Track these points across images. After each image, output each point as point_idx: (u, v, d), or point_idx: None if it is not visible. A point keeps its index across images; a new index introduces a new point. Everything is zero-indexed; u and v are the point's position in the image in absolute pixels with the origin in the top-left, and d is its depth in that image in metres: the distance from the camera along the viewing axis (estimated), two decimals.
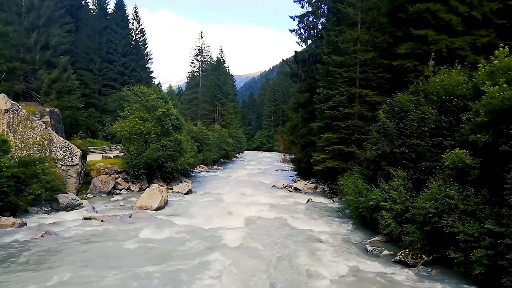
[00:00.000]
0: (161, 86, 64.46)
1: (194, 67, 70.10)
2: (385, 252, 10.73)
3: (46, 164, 15.91)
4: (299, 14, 28.68)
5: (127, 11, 48.24)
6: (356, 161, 17.15)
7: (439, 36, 16.03)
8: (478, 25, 16.39)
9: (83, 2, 47.35)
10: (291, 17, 29.08)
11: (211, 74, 64.71)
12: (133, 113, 23.71)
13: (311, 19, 28.77)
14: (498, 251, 7.61)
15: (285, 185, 25.86)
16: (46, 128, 18.65)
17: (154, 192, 17.23)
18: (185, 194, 21.72)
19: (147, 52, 51.85)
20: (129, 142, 23.46)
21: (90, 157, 23.12)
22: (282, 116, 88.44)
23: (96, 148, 30.76)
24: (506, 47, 10.00)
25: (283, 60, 36.26)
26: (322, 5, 27.98)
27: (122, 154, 25.14)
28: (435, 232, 9.43)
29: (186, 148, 26.87)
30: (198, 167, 36.60)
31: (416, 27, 16.47)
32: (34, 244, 10.67)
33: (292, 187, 25.15)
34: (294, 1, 28.55)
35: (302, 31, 29.06)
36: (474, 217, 8.62)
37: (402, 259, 9.88)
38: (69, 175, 18.65)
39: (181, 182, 25.63)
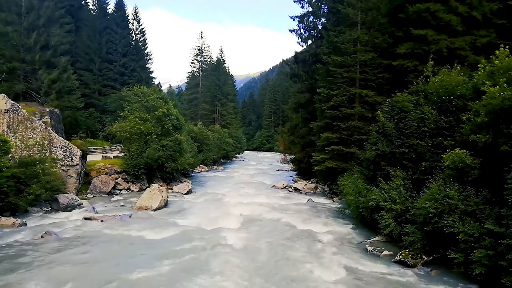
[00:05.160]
0: (161, 86, 64.41)
1: (194, 67, 70.06)
2: (385, 252, 10.73)
3: (46, 164, 15.91)
4: (299, 14, 28.65)
5: (127, 11, 48.22)
6: (356, 161, 17.15)
7: (439, 36, 16.04)
8: (478, 25, 16.38)
9: (83, 2, 47.28)
10: (291, 17, 29.07)
11: (211, 74, 64.69)
12: (133, 113, 23.73)
13: (311, 19, 28.74)
14: (498, 251, 7.61)
15: (285, 185, 25.85)
16: (46, 128, 18.64)
17: (154, 192, 17.23)
18: (185, 194, 21.72)
19: (147, 52, 51.77)
20: (129, 142, 23.49)
21: (90, 157, 23.12)
22: (282, 116, 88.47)
23: (96, 148, 30.74)
24: (506, 47, 10.00)
25: (283, 60, 36.22)
26: (322, 5, 27.96)
27: (122, 154, 25.15)
28: (435, 232, 9.43)
29: (186, 148, 26.89)
30: (198, 167, 36.61)
31: (416, 27, 16.47)
32: (34, 244, 10.67)
33: (292, 187, 25.14)
34: (294, 1, 28.55)
35: (302, 31, 29.02)
36: (474, 217, 8.62)
37: (402, 259, 9.88)
38: (69, 175, 18.65)
39: (181, 182, 25.63)
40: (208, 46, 70.15)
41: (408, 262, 9.70)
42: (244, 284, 8.36)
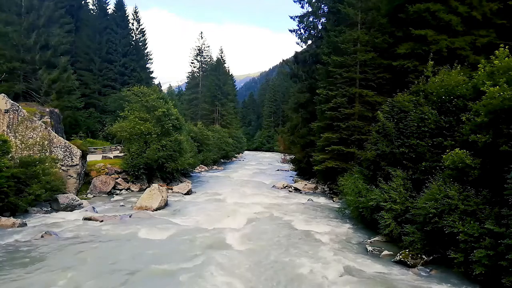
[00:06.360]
0: (161, 86, 64.45)
1: (194, 67, 70.17)
2: (385, 252, 10.73)
3: (46, 164, 15.92)
4: (299, 14, 28.67)
5: (127, 11, 48.20)
6: (356, 161, 17.15)
7: (439, 36, 16.02)
8: (478, 25, 16.37)
9: (83, 2, 47.25)
10: (291, 17, 29.07)
11: (211, 74, 64.73)
12: (133, 113, 23.74)
13: (311, 19, 28.74)
14: (498, 251, 7.61)
15: (285, 185, 25.85)
16: (46, 128, 18.65)
17: (154, 192, 17.23)
18: (185, 194, 21.71)
19: (147, 52, 51.78)
20: (129, 143, 23.50)
21: (90, 157, 23.13)
22: (282, 116, 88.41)
23: (96, 148, 30.73)
24: (506, 47, 10.00)
25: (283, 60, 36.25)
26: (322, 5, 27.96)
27: (122, 154, 25.16)
28: (435, 232, 9.43)
29: (186, 148, 26.91)
30: (198, 167, 36.62)
31: (416, 27, 16.46)
32: (34, 244, 10.67)
33: (292, 187, 25.15)
34: (294, 1, 28.55)
35: (302, 31, 29.03)
36: (474, 217, 8.62)
37: (402, 259, 9.88)
38: (69, 175, 18.65)
39: (181, 182, 25.64)
40: (208, 46, 70.39)
41: (408, 262, 9.70)
42: (244, 284, 8.36)
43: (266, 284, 8.48)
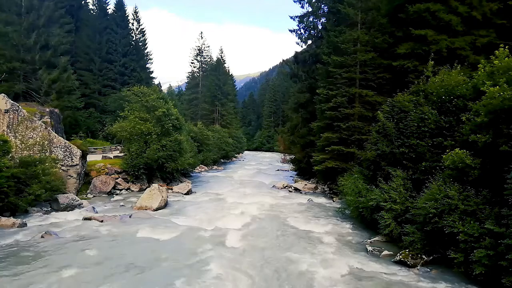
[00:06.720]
0: (161, 86, 64.38)
1: (194, 67, 70.16)
2: (385, 252, 10.73)
3: (46, 164, 15.92)
4: (299, 14, 28.69)
5: (127, 11, 48.21)
6: (356, 161, 17.16)
7: (439, 36, 16.03)
8: (478, 25, 16.38)
9: (83, 2, 47.26)
10: (291, 17, 29.09)
11: (211, 74, 64.73)
12: (133, 113, 23.75)
13: (311, 19, 28.76)
14: (498, 251, 7.61)
15: (285, 185, 25.86)
16: (46, 128, 18.65)
17: (154, 192, 17.23)
18: (185, 194, 21.71)
19: (147, 52, 51.77)
20: (129, 143, 23.50)
21: (90, 157, 23.13)
22: (282, 116, 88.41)
23: (96, 148, 30.73)
24: (506, 47, 10.00)
25: (283, 60, 36.27)
26: (322, 5, 27.97)
27: (122, 154, 25.16)
28: (435, 232, 9.43)
29: (186, 148, 26.90)
30: (198, 167, 36.61)
31: (416, 27, 16.47)
32: (34, 244, 10.67)
33: (292, 187, 25.15)
34: (294, 1, 28.56)
35: (302, 31, 29.04)
36: (474, 217, 8.62)
37: (402, 259, 9.88)
38: (69, 175, 18.65)
39: (181, 182, 25.64)
40: (208, 46, 70.39)
41: (408, 262, 9.71)
42: (244, 284, 8.37)
43: (266, 281, 8.50)
